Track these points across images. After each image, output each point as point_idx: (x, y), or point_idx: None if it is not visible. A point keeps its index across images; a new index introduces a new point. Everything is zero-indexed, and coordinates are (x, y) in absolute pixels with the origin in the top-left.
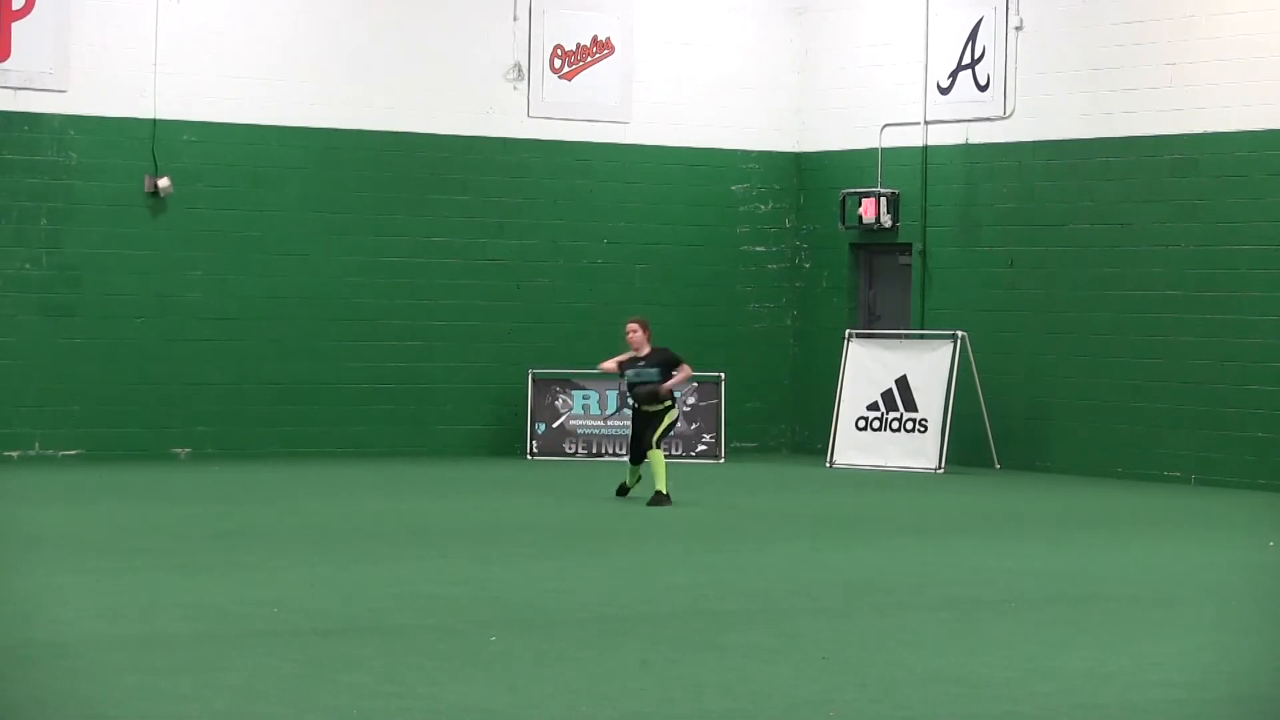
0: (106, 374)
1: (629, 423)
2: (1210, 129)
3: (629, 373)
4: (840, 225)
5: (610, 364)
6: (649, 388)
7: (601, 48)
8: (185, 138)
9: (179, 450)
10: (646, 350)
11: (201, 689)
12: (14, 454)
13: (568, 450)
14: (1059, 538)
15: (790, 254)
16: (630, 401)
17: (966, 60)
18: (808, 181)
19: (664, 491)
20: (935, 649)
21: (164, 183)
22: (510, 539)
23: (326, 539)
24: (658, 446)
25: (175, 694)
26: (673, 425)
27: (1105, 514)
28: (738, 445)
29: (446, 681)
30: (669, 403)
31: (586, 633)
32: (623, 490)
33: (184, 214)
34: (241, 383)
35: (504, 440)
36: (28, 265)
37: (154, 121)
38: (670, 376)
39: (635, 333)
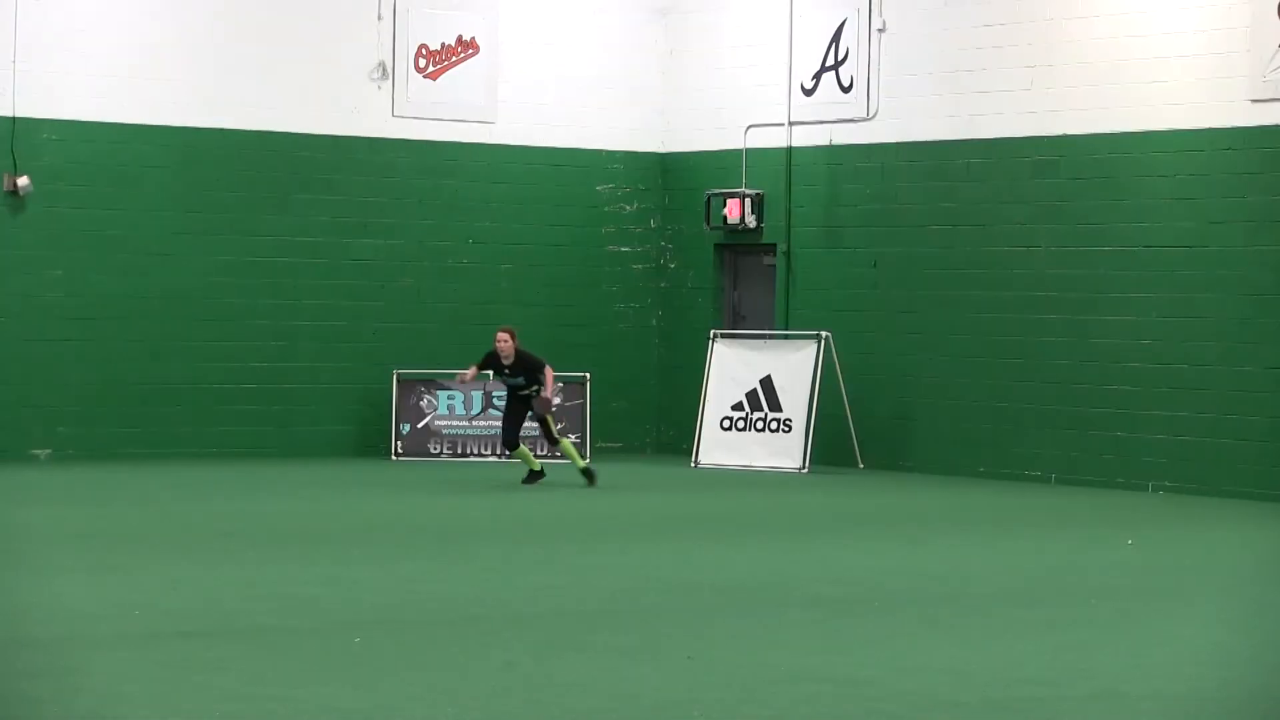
0: None
1: (496, 421)
2: (1070, 131)
3: (500, 375)
4: (705, 226)
5: (470, 371)
6: (540, 403)
7: (466, 47)
8: (46, 136)
9: (39, 451)
10: (513, 359)
11: (61, 691)
12: None
13: (433, 451)
14: (922, 537)
15: (655, 254)
16: (503, 393)
17: (830, 62)
18: (672, 182)
19: (588, 468)
20: (800, 648)
21: (23, 181)
22: (375, 540)
23: (190, 540)
24: (562, 437)
25: (34, 697)
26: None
27: (967, 513)
28: (603, 445)
29: (310, 683)
30: (535, 387)
31: (452, 634)
32: (533, 476)
33: (44, 213)
34: (103, 383)
35: (369, 441)
36: None
37: (13, 120)
38: (538, 381)
39: (505, 342)
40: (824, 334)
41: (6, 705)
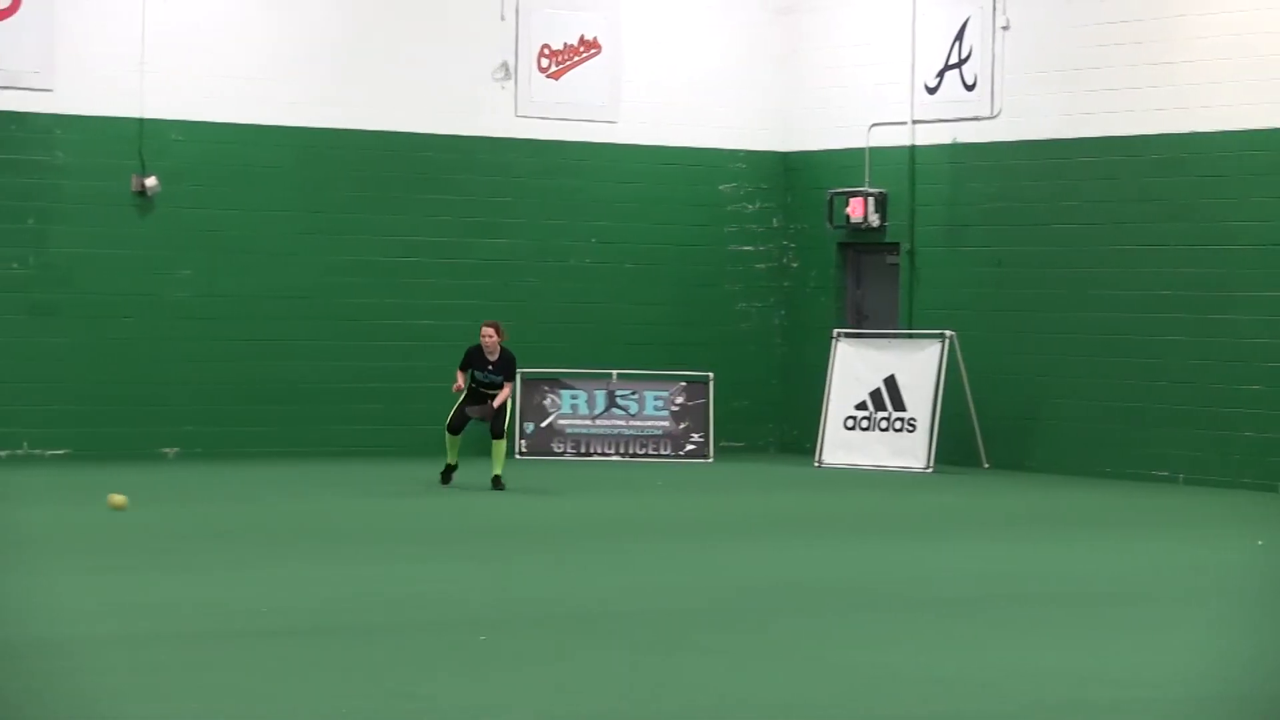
0: (93, 373)
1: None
2: (1196, 129)
3: (477, 374)
4: (828, 225)
5: (459, 382)
6: (486, 405)
7: (589, 47)
8: (172, 137)
9: (167, 449)
10: (497, 355)
11: (192, 688)
12: (2, 454)
13: (556, 450)
14: (1045, 537)
15: (778, 253)
16: (472, 383)
17: (953, 60)
18: (795, 181)
19: (500, 475)
20: (920, 648)
21: (151, 182)
22: (496, 538)
23: (316, 538)
24: (503, 436)
25: (166, 693)
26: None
27: (1092, 513)
28: (726, 445)
29: (431, 680)
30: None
31: (572, 632)
32: (448, 474)
33: (171, 213)
34: (228, 382)
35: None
36: (14, 265)
37: (140, 121)
38: (505, 384)
39: (491, 338)
40: (948, 333)
41: (131, 699)
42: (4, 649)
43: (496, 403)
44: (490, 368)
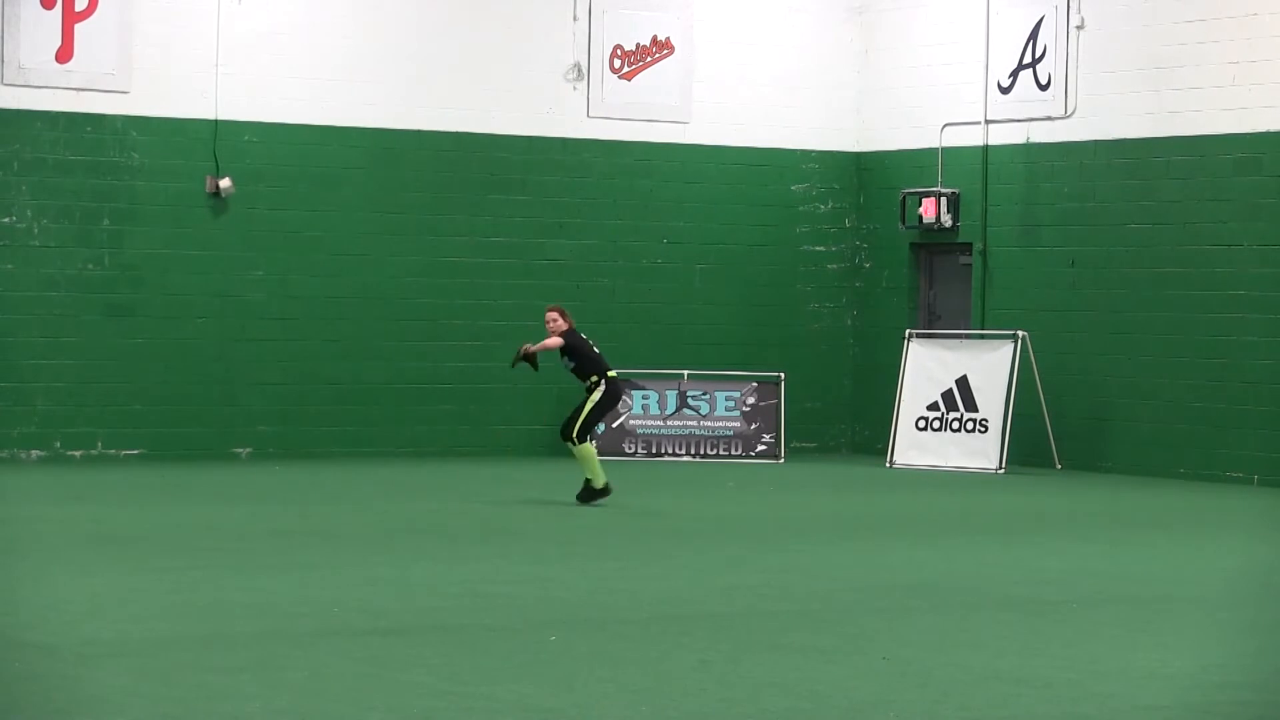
0: (168, 374)
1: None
2: (1274, 128)
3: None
4: (900, 225)
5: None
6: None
7: (661, 48)
8: (246, 138)
9: (241, 450)
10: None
11: (262, 688)
12: (77, 453)
13: (627, 450)
14: (1120, 538)
15: (850, 254)
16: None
17: (1027, 59)
18: (868, 181)
19: (596, 485)
20: (996, 649)
21: (225, 183)
22: (569, 539)
23: (386, 538)
24: (581, 440)
25: (237, 693)
26: (593, 411)
27: (1167, 515)
28: (797, 445)
29: (506, 680)
30: (593, 379)
31: (646, 632)
32: (592, 495)
33: (245, 214)
34: (302, 382)
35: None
36: (90, 265)
37: (215, 122)
38: (585, 373)
39: (554, 322)
40: (1020, 334)
41: (210, 698)
42: (65, 650)
43: (535, 347)
44: (565, 358)
